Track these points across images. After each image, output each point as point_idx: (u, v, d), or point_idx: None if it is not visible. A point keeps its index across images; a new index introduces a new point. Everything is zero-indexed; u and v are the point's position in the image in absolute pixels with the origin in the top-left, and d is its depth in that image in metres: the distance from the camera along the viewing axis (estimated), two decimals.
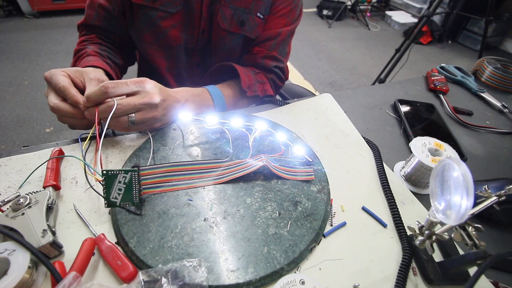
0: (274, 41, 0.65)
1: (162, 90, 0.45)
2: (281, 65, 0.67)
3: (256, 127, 0.49)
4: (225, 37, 0.63)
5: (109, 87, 0.40)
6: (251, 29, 0.63)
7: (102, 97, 0.40)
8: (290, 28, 0.66)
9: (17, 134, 1.59)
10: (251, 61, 0.65)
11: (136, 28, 0.62)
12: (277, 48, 0.66)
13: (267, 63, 0.65)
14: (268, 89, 0.65)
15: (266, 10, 0.63)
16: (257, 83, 0.62)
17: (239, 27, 0.62)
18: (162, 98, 0.45)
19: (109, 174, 0.34)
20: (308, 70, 2.50)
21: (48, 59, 2.24)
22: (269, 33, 0.64)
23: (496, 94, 0.73)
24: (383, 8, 3.84)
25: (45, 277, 0.30)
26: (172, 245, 0.33)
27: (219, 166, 0.42)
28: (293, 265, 0.33)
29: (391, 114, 0.63)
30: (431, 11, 1.57)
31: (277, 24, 0.64)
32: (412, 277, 0.34)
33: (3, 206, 0.35)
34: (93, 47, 0.59)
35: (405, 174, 0.47)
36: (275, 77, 0.68)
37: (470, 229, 0.30)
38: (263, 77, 0.66)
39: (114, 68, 0.60)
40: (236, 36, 0.64)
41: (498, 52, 3.02)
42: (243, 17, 0.62)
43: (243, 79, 0.59)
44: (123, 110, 0.41)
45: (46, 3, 2.77)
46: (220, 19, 0.61)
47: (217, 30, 0.62)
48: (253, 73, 0.63)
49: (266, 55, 0.65)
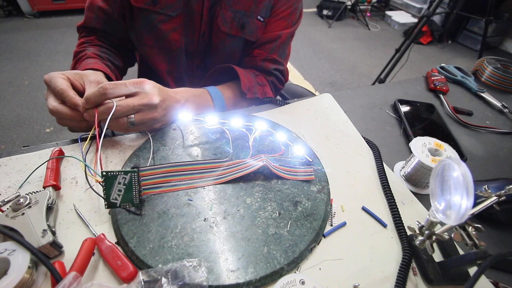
0: (274, 44, 0.65)
1: (161, 91, 0.45)
2: (281, 67, 0.67)
3: (256, 127, 0.49)
4: (225, 40, 0.63)
5: (107, 88, 0.40)
6: (252, 32, 0.63)
7: (101, 99, 0.40)
8: (290, 31, 0.66)
9: (17, 134, 1.59)
10: (251, 64, 0.65)
11: (136, 31, 0.62)
12: (277, 50, 0.66)
13: (267, 65, 0.65)
14: (268, 92, 0.65)
15: (266, 13, 0.63)
16: (257, 85, 0.62)
17: (239, 30, 0.62)
18: (162, 98, 0.45)
19: (108, 176, 0.34)
20: (308, 70, 2.50)
21: (48, 59, 2.24)
22: (269, 35, 0.64)
23: (496, 94, 0.73)
24: (383, 8, 3.83)
25: (45, 277, 0.30)
26: (172, 245, 0.33)
27: (219, 166, 0.42)
28: (293, 265, 0.33)
29: (391, 114, 0.63)
30: (431, 11, 1.57)
31: (277, 26, 0.64)
32: (412, 277, 0.34)
33: (3, 206, 0.35)
34: (93, 49, 0.59)
35: (405, 174, 0.47)
36: (275, 79, 0.68)
37: (470, 229, 0.30)
38: (263, 79, 0.66)
39: (114, 70, 0.60)
40: (236, 39, 0.64)
41: (498, 52, 3.02)
42: (243, 20, 0.61)
43: (243, 81, 0.59)
44: (122, 111, 0.41)
45: (46, 3, 2.77)
46: (220, 22, 0.61)
47: (218, 33, 0.62)
48: (253, 75, 0.63)
49: (266, 57, 0.65)
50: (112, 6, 0.59)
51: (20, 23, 2.71)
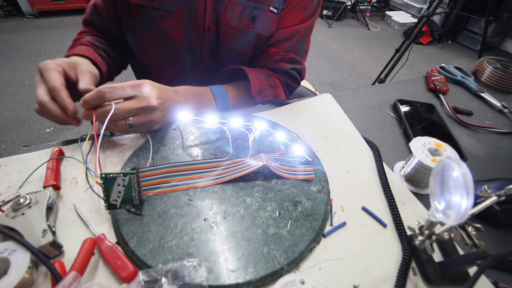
0: (291, 41, 0.60)
1: (160, 92, 0.45)
2: (298, 66, 0.63)
3: (256, 127, 0.49)
4: (234, 35, 0.58)
5: (105, 92, 0.40)
6: (264, 26, 0.58)
7: (98, 102, 0.40)
8: (308, 24, 0.60)
9: (17, 134, 1.59)
10: (266, 64, 0.61)
11: (136, 31, 0.59)
12: (294, 47, 0.61)
13: (283, 66, 0.61)
14: (280, 94, 0.61)
15: (279, 3, 0.57)
16: (268, 87, 0.59)
17: (250, 24, 0.57)
18: (161, 101, 0.44)
19: (107, 178, 0.34)
20: (308, 70, 2.49)
21: (48, 59, 2.21)
22: (285, 31, 0.59)
23: (496, 94, 0.73)
24: (383, 8, 3.84)
25: (45, 277, 0.30)
26: (172, 245, 0.33)
27: (219, 166, 0.42)
28: (293, 265, 0.33)
29: (391, 114, 0.63)
30: (431, 11, 1.57)
31: (293, 20, 0.59)
32: (412, 277, 0.34)
33: (3, 206, 0.35)
34: (90, 38, 0.58)
35: (405, 174, 0.47)
36: (290, 79, 0.64)
37: (470, 229, 0.30)
38: (276, 80, 0.62)
39: (107, 60, 0.59)
40: (247, 34, 0.58)
41: (498, 52, 3.02)
42: (254, 13, 0.56)
43: (253, 84, 0.56)
44: (120, 114, 0.41)
45: (46, 3, 2.77)
46: (228, 15, 0.55)
47: (225, 28, 0.57)
48: (265, 76, 0.60)
49: (282, 57, 0.60)
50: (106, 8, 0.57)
51: (20, 23, 2.71)
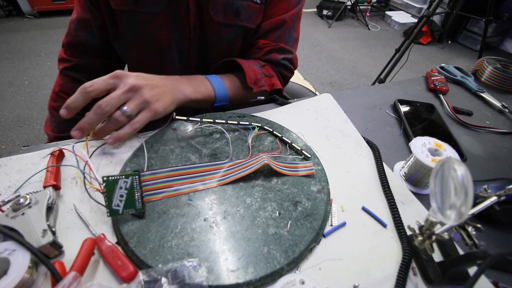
0: (279, 31, 0.59)
1: (142, 75, 0.45)
2: (289, 56, 0.62)
3: (255, 126, 0.49)
4: (220, 31, 0.57)
5: (86, 86, 0.40)
6: (249, 18, 0.57)
7: (84, 97, 0.40)
8: (294, 12, 0.59)
9: (17, 134, 1.59)
10: (256, 56, 0.61)
11: (123, 38, 0.58)
12: (283, 37, 0.60)
13: (274, 56, 0.60)
14: (276, 83, 0.61)
15: None
16: (263, 76, 0.58)
17: (234, 17, 0.56)
18: (144, 79, 0.44)
19: (109, 180, 0.34)
20: (308, 70, 2.50)
21: (48, 59, 2.24)
22: (272, 22, 0.58)
23: (496, 94, 0.73)
24: (383, 8, 3.84)
25: (45, 277, 0.30)
26: (172, 245, 0.33)
27: (221, 168, 0.42)
28: (293, 265, 0.33)
29: (391, 114, 0.63)
30: (431, 11, 1.57)
31: (278, 9, 0.58)
32: (412, 277, 0.34)
33: (3, 206, 0.35)
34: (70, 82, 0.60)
35: (405, 174, 0.47)
36: (284, 69, 0.63)
37: (470, 229, 0.30)
38: (270, 70, 0.61)
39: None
40: (232, 28, 0.57)
41: (498, 52, 3.02)
42: (237, 5, 0.55)
43: (248, 75, 0.55)
44: (111, 104, 0.40)
45: (46, 3, 2.77)
46: (212, 11, 0.54)
47: (210, 24, 0.56)
48: (259, 66, 0.59)
49: (272, 48, 0.60)
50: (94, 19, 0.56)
51: (20, 23, 2.72)
